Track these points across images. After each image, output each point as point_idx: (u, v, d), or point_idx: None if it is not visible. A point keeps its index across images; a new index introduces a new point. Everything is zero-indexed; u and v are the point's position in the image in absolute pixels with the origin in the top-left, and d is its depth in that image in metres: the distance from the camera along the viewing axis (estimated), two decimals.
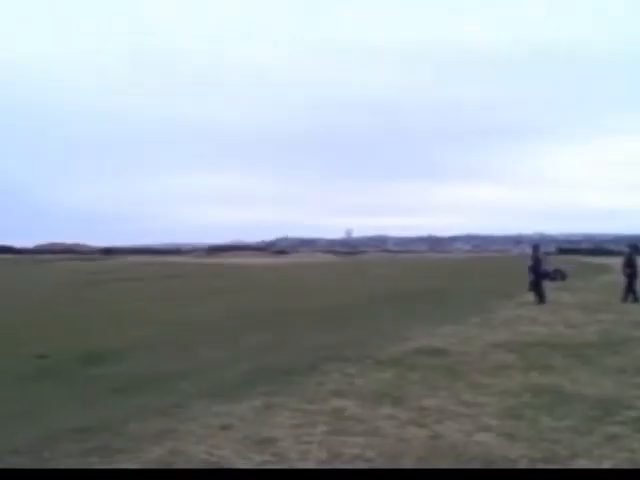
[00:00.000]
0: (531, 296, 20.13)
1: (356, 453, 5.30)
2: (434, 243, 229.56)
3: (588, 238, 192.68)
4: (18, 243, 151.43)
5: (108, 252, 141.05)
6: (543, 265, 20.55)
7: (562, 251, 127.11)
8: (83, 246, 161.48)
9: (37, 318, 18.39)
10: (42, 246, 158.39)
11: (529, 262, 21.05)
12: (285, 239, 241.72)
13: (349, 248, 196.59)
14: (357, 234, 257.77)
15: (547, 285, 20.75)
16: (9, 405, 7.64)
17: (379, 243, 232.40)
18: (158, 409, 7.07)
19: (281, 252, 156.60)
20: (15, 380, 9.20)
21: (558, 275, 20.48)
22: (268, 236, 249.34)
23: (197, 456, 5.30)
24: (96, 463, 5.18)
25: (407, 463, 5.06)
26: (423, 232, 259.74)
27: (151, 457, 5.30)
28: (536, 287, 20.36)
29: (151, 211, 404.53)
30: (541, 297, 20.08)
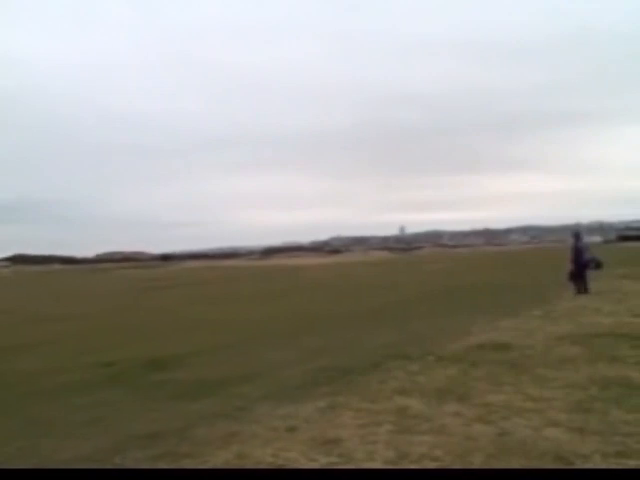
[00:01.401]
0: (589, 287, 19.76)
1: (423, 452, 5.24)
2: (490, 236, 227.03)
3: None
4: (79, 253, 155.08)
5: (166, 258, 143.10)
6: (585, 255, 20.30)
7: (622, 238, 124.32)
8: (142, 254, 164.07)
9: (100, 326, 18.76)
10: (102, 255, 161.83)
11: (569, 253, 20.81)
12: (338, 238, 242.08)
13: (403, 244, 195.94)
14: (411, 230, 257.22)
15: (608, 274, 20.37)
16: (80, 412, 7.80)
17: (434, 238, 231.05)
18: (222, 413, 7.13)
19: (335, 251, 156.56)
20: (85, 388, 9.39)
21: (593, 264, 20.14)
22: (321, 236, 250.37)
23: (264, 459, 5.31)
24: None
25: (476, 461, 4.98)
26: (478, 225, 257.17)
27: (218, 461, 5.33)
28: (579, 277, 19.99)
29: (206, 216, 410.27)
30: (585, 287, 19.74)
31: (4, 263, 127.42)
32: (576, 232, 22.23)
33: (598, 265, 20.54)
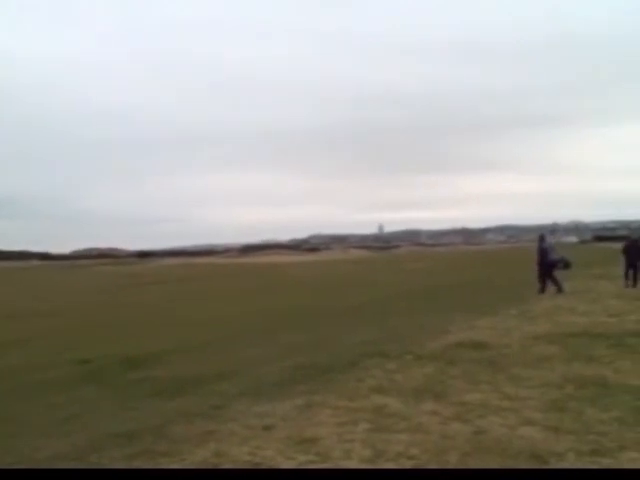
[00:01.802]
0: (566, 287, 20.04)
1: (400, 450, 5.26)
2: (467, 235, 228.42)
3: (624, 225, 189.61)
4: (55, 249, 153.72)
5: (143, 255, 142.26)
6: (550, 255, 20.80)
7: (598, 239, 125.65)
8: (119, 250, 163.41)
9: (78, 323, 18.64)
10: (78, 252, 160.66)
11: (536, 255, 21.33)
12: (317, 236, 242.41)
13: (382, 243, 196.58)
14: (389, 229, 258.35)
15: (583, 274, 20.65)
16: (57, 410, 7.74)
17: (412, 237, 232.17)
18: (199, 411, 7.10)
19: (313, 249, 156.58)
20: (61, 385, 9.33)
21: (561, 264, 20.78)
22: (300, 234, 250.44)
23: (241, 457, 5.30)
24: (141, 467, 5.21)
25: (452, 459, 5.02)
26: (456, 224, 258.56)
27: (195, 459, 5.31)
28: (549, 277, 20.53)
29: (184, 213, 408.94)
30: (559, 287, 20.17)
31: None
32: (541, 234, 22.99)
33: (567, 265, 21.10)
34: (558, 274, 20.53)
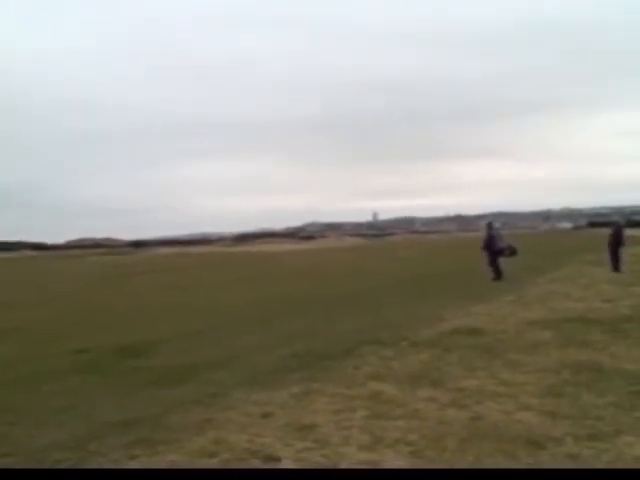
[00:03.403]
0: (558, 273, 20.37)
1: (398, 437, 5.29)
2: (462, 222, 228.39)
3: (618, 211, 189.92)
4: (49, 239, 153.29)
5: (138, 245, 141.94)
6: (498, 242, 21.49)
7: (592, 225, 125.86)
8: (113, 240, 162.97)
9: (72, 313, 18.58)
10: (72, 242, 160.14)
11: (482, 241, 22.45)
12: (312, 224, 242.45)
13: (376, 231, 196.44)
14: (384, 216, 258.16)
15: (577, 260, 20.73)
16: (54, 400, 7.72)
17: (406, 224, 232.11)
18: (197, 399, 7.12)
19: (308, 238, 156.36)
20: (57, 375, 9.28)
21: (507, 251, 21.46)
22: (295, 222, 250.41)
23: (239, 445, 5.32)
24: (140, 455, 5.23)
25: (450, 445, 5.04)
26: (451, 211, 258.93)
27: (194, 447, 5.33)
28: (492, 263, 21.42)
29: (179, 202, 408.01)
30: (497, 273, 21.15)
31: None
32: (489, 222, 24.12)
33: (512, 252, 21.82)
34: (541, 260, 21.06)
